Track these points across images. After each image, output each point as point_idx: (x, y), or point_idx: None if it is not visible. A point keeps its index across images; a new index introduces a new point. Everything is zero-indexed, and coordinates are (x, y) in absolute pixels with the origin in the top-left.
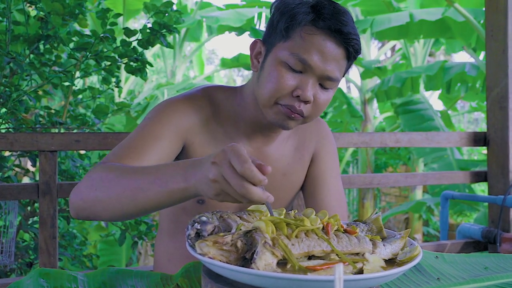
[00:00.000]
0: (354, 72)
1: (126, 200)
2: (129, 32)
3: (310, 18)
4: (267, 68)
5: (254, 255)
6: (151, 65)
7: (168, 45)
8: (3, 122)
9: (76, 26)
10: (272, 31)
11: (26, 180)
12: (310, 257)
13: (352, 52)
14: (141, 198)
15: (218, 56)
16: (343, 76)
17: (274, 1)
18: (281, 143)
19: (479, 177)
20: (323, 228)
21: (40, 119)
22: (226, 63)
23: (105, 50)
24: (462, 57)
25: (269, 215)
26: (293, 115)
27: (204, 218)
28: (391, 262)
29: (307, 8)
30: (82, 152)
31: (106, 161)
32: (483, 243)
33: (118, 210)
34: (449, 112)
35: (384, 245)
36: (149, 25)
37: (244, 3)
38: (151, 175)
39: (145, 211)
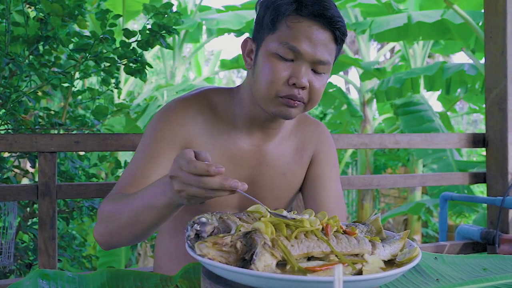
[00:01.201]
0: (353, 73)
1: (132, 227)
2: (128, 33)
3: (293, 7)
4: (260, 62)
5: (254, 256)
6: (150, 66)
7: (168, 47)
8: (3, 123)
9: (76, 27)
10: (259, 26)
11: (25, 181)
12: (309, 258)
13: (338, 35)
14: (143, 221)
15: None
16: (334, 61)
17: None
18: (281, 142)
19: (478, 178)
20: (322, 229)
21: (40, 120)
22: (225, 64)
23: (104, 51)
24: (461, 59)
25: (268, 216)
26: (295, 104)
27: (203, 219)
28: (390, 263)
29: None
30: (82, 153)
31: (114, 192)
32: (482, 244)
33: (130, 235)
34: (448, 113)
35: (383, 246)
36: (149, 26)
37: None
38: (141, 199)
39: (152, 229)
